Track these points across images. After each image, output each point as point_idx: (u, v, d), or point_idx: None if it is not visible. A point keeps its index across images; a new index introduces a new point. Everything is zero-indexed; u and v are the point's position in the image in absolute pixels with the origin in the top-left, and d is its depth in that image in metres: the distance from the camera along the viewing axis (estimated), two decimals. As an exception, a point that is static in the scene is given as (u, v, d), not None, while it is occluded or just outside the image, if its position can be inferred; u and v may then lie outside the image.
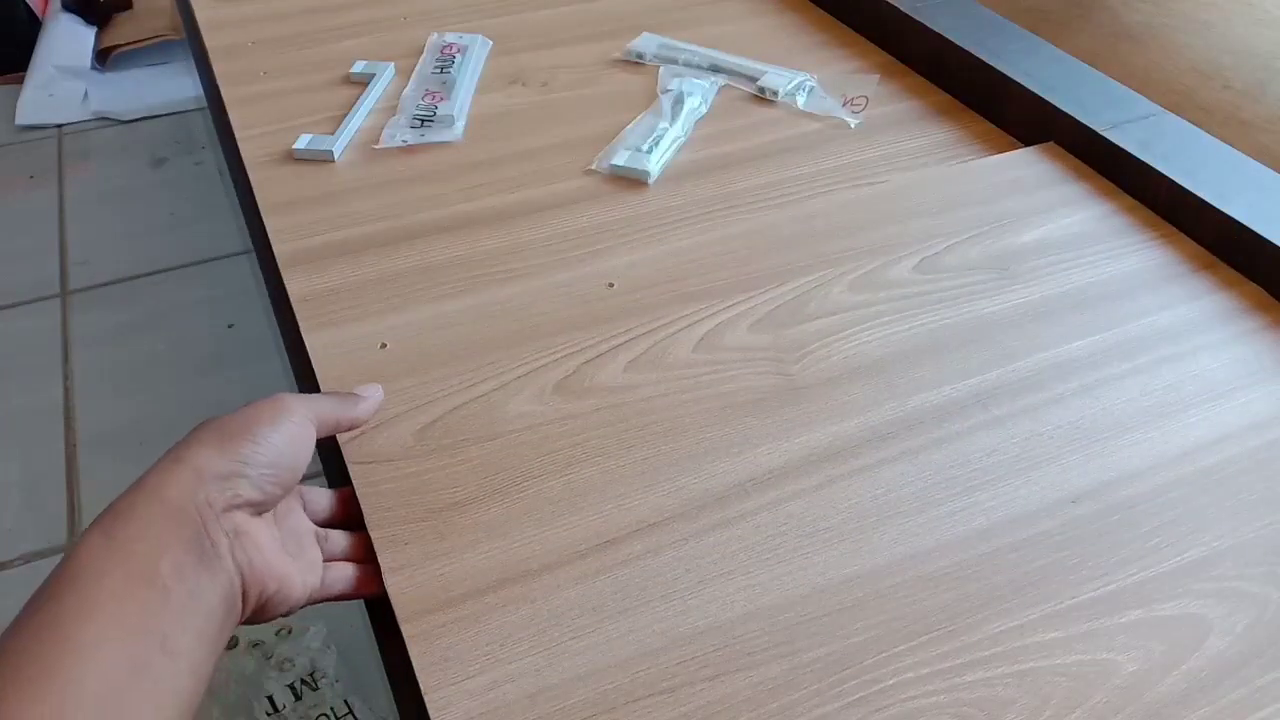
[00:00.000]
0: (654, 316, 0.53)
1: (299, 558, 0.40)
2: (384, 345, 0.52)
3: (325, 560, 0.41)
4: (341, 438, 0.46)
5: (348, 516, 0.44)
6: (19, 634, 0.30)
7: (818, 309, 0.54)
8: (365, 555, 0.43)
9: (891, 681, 0.37)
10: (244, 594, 0.35)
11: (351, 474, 0.45)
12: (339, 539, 0.43)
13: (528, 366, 0.50)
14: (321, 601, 0.41)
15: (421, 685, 0.37)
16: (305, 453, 0.39)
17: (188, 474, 0.35)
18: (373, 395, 0.46)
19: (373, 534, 0.42)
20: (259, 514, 0.37)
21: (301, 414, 0.39)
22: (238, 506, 0.36)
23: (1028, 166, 0.64)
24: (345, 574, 0.41)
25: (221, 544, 0.34)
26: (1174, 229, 0.59)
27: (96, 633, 0.30)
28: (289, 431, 0.38)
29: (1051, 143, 0.66)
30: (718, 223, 0.60)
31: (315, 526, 0.42)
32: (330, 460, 0.47)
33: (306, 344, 0.52)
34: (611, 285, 0.55)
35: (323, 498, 0.44)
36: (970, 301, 0.54)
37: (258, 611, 0.37)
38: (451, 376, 0.50)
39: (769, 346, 0.51)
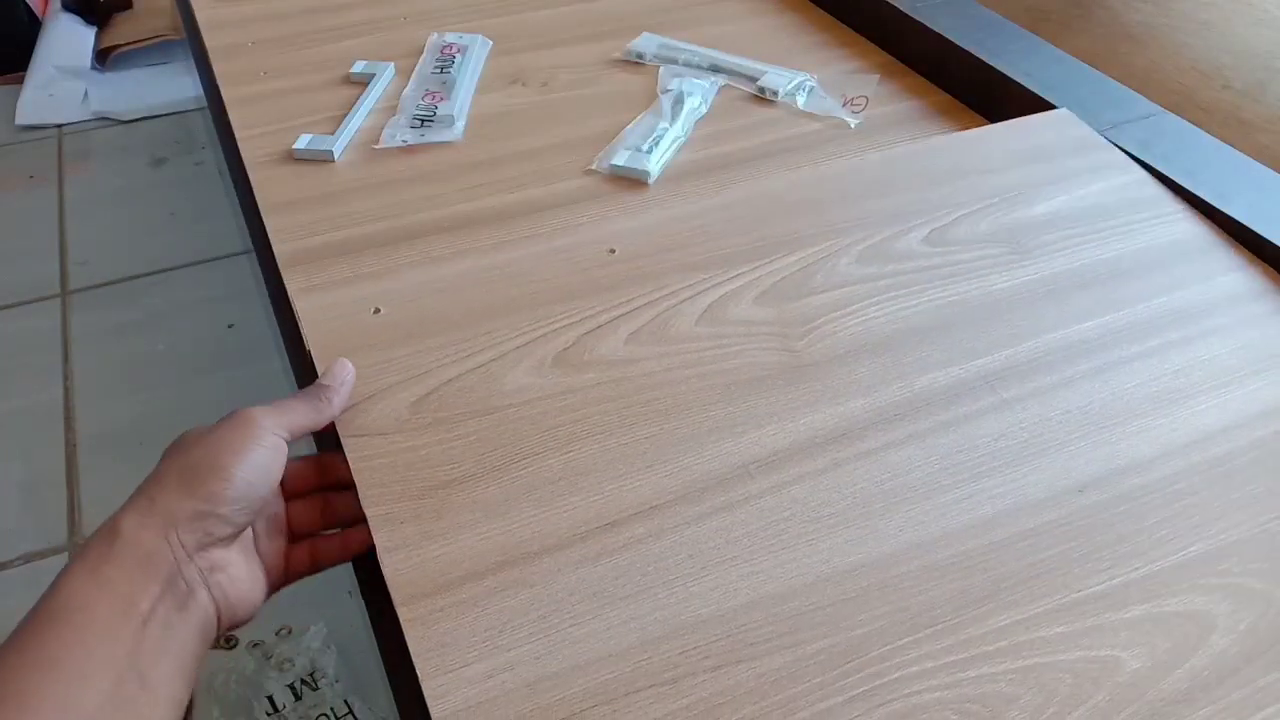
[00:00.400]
0: (657, 285, 0.52)
1: (268, 555, 0.41)
2: (377, 310, 0.50)
3: (290, 542, 0.42)
4: None
5: (323, 482, 0.44)
6: (11, 654, 0.33)
7: (824, 281, 0.53)
8: (325, 523, 0.43)
9: (895, 675, 0.37)
10: (218, 622, 0.37)
11: (345, 447, 0.44)
12: (301, 515, 0.43)
13: (526, 336, 0.49)
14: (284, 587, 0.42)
15: (419, 673, 0.36)
16: (277, 472, 0.39)
17: (158, 519, 0.36)
18: (342, 383, 0.44)
19: (367, 511, 0.41)
20: (235, 538, 0.38)
21: (272, 433, 0.39)
22: (211, 545, 0.37)
23: (1042, 133, 0.63)
24: (303, 558, 0.42)
25: (195, 581, 0.36)
26: (1188, 205, 0.58)
27: (84, 662, 0.33)
28: (259, 460, 0.38)
29: (1066, 110, 0.65)
30: (721, 188, 0.59)
31: (282, 510, 0.43)
32: (323, 432, 0.46)
33: (294, 306, 0.50)
34: (613, 251, 0.54)
35: (297, 472, 0.44)
36: (980, 277, 0.53)
37: (227, 629, 0.38)
38: (448, 345, 0.49)
39: (774, 321, 0.51)
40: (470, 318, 0.50)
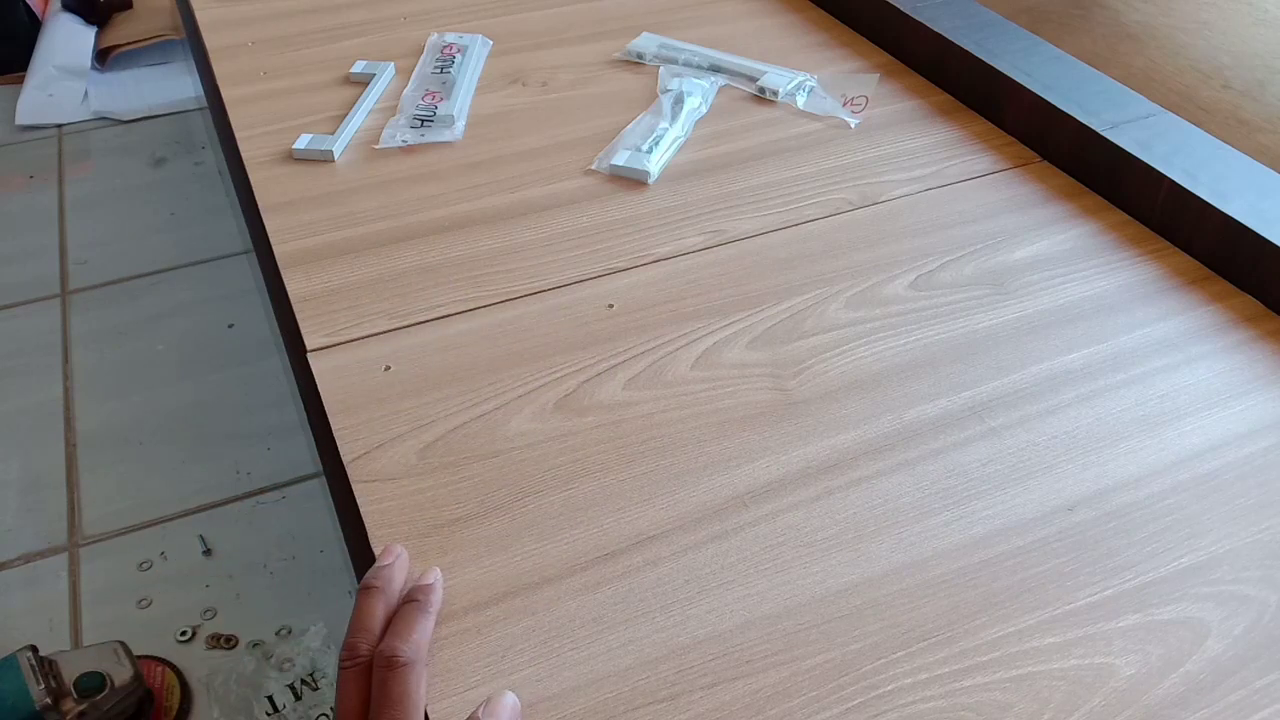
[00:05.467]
0: (653, 336, 0.53)
1: None
2: (388, 368, 0.51)
3: None
4: (346, 457, 0.46)
5: None
6: None
7: (814, 326, 0.54)
8: None
9: (890, 687, 0.37)
10: None
11: (355, 493, 0.45)
12: None
13: (528, 386, 0.50)
14: None
15: (423, 696, 0.37)
16: None
17: None
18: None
19: (376, 551, 0.42)
20: None
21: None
22: None
23: (1020, 186, 0.64)
24: None
25: None
26: (1167, 243, 0.60)
27: None
28: None
29: (1044, 161, 0.66)
30: (715, 240, 0.60)
31: None
32: (335, 480, 0.47)
33: (312, 369, 0.51)
34: (611, 306, 0.55)
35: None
36: (965, 316, 0.55)
37: None
38: (453, 397, 0.50)
39: (766, 363, 0.52)
40: (475, 372, 0.51)
